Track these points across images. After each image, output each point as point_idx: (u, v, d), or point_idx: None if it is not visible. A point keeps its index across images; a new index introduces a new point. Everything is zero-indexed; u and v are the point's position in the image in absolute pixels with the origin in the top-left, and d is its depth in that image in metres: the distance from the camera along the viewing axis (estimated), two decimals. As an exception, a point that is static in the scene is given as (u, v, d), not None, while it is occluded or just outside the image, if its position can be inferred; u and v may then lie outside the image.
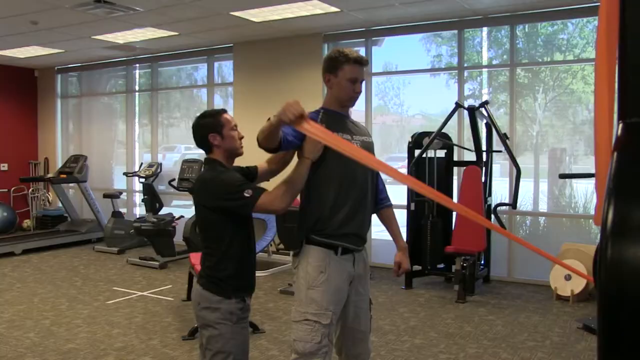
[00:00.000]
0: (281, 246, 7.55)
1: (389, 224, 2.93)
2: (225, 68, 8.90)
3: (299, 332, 2.55)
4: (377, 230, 6.06)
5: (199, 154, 8.97)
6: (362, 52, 7.05)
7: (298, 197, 2.73)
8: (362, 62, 2.68)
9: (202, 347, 2.67)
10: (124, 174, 9.22)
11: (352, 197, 2.63)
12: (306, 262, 2.59)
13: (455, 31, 6.96)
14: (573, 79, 6.71)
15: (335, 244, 2.59)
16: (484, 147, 6.44)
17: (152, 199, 7.94)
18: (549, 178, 6.72)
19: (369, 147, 2.77)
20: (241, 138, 2.70)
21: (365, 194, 2.69)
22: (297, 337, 2.55)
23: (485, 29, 6.98)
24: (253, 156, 2.86)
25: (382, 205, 2.90)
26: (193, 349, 4.33)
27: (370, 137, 2.86)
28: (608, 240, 1.18)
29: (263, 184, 2.71)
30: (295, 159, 2.71)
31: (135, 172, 8.80)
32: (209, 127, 2.64)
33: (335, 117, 2.70)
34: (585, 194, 6.62)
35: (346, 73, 2.63)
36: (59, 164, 10.05)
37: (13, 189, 10.23)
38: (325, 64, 2.70)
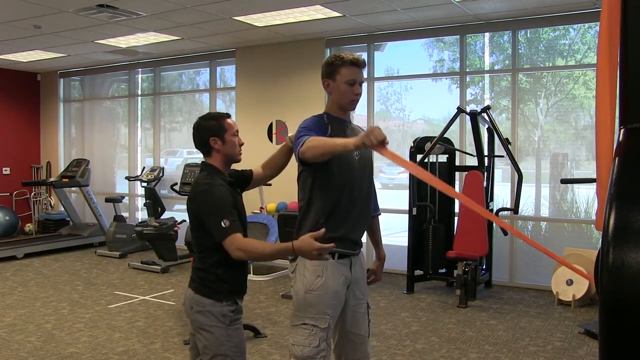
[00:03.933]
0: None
1: (374, 232, 2.98)
2: (228, 73, 8.92)
3: (297, 336, 2.55)
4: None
5: (201, 158, 8.88)
6: (364, 57, 7.05)
7: (297, 201, 2.73)
8: (359, 64, 2.64)
9: (194, 349, 2.66)
10: (126, 178, 9.23)
11: (351, 203, 2.62)
12: (303, 266, 2.59)
13: (457, 36, 6.97)
14: (575, 84, 6.71)
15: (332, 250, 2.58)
16: (485, 152, 6.44)
17: (154, 203, 7.95)
18: (551, 183, 6.72)
19: (366, 156, 2.71)
20: (241, 145, 2.67)
21: (364, 200, 2.70)
22: (295, 341, 2.55)
23: (487, 34, 6.99)
24: (249, 160, 2.86)
25: (371, 214, 2.90)
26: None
27: None
28: (609, 245, 1.19)
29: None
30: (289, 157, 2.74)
31: (137, 176, 8.81)
32: (211, 130, 2.60)
33: (336, 122, 2.68)
34: (586, 199, 6.62)
35: (344, 76, 2.58)
36: (62, 168, 10.07)
37: (15, 192, 10.26)
38: (323, 69, 2.67)
